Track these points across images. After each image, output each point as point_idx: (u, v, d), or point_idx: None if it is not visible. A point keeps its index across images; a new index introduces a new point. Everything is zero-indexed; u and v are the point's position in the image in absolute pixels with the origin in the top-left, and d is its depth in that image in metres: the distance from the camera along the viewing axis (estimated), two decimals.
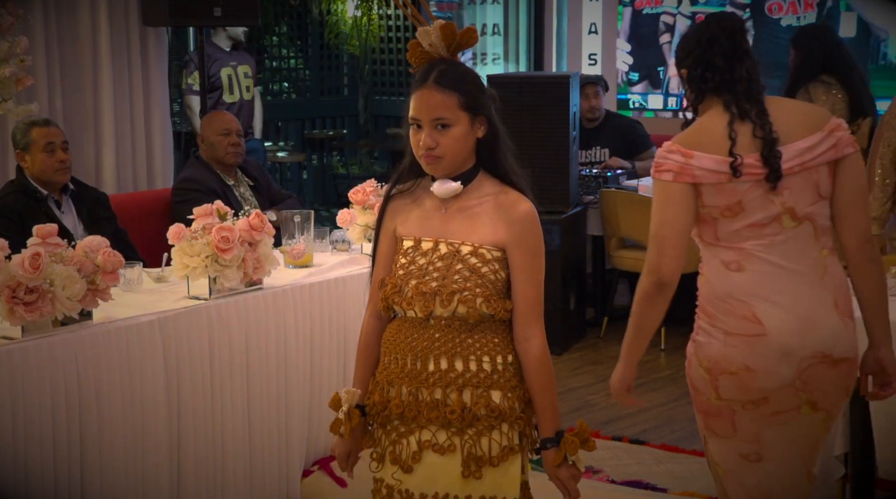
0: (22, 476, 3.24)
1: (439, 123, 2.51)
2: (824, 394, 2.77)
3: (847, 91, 5.45)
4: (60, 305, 3.32)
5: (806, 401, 2.76)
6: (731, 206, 2.74)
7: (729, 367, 2.76)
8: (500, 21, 8.84)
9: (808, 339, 2.72)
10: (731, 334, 2.76)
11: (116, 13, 5.91)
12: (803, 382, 2.73)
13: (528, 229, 2.55)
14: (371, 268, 2.72)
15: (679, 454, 4.66)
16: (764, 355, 2.72)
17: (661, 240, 2.75)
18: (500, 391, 2.54)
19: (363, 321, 2.74)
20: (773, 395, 2.74)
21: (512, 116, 6.17)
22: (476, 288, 2.52)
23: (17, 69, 4.60)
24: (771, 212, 2.74)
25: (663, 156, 2.79)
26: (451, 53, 2.58)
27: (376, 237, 2.70)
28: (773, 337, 2.71)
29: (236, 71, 7.48)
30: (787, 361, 2.72)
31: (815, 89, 5.45)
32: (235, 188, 5.47)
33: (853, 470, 3.81)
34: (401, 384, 2.57)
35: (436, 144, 2.51)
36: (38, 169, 4.59)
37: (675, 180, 2.75)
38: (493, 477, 2.54)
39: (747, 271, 2.76)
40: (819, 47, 5.55)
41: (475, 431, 2.53)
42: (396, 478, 2.59)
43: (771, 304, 2.73)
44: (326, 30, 10.31)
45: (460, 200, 2.58)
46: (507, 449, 2.54)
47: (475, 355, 2.54)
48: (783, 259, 2.75)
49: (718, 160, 2.74)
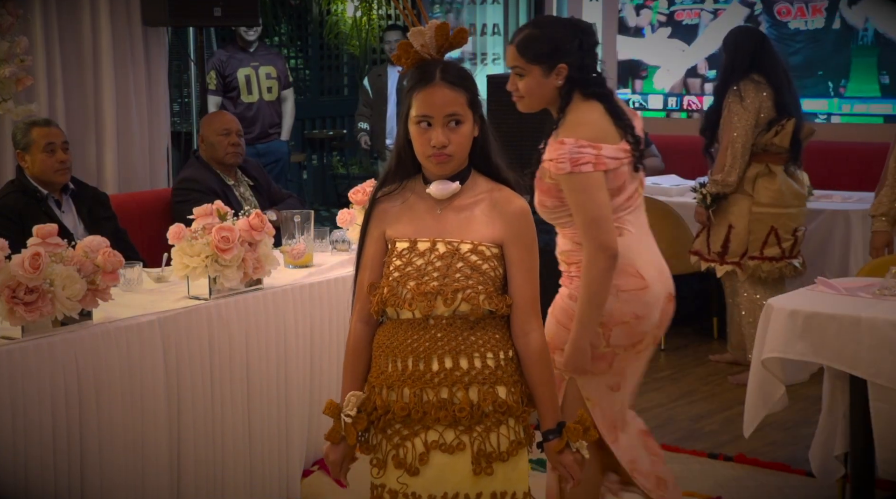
0: (22, 476, 3.24)
1: (453, 120, 2.51)
2: (663, 328, 3.37)
3: (773, 90, 5.55)
4: (60, 305, 3.32)
5: (655, 336, 3.35)
6: (619, 186, 3.23)
7: (622, 318, 3.23)
8: (500, 21, 8.85)
9: (667, 284, 3.33)
10: (623, 291, 3.22)
11: (117, 13, 5.91)
12: (661, 320, 3.32)
13: (523, 225, 2.58)
14: (355, 273, 2.70)
15: (679, 454, 4.66)
16: (648, 303, 3.25)
17: (603, 220, 3.14)
18: (505, 387, 2.55)
19: (350, 328, 2.70)
20: (647, 336, 3.30)
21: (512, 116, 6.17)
22: (478, 285, 2.53)
23: (17, 69, 4.60)
24: (634, 186, 3.30)
25: (577, 152, 3.16)
26: (441, 54, 2.58)
27: (361, 241, 2.68)
28: (652, 287, 3.26)
29: (257, 72, 7.49)
30: (658, 306, 3.28)
31: (746, 87, 5.54)
32: (235, 188, 5.47)
33: (853, 470, 3.81)
34: (402, 387, 2.56)
35: (448, 142, 2.51)
36: (38, 169, 4.59)
37: (595, 170, 3.16)
38: (504, 472, 2.55)
39: (625, 235, 3.24)
40: (749, 47, 5.64)
41: (483, 427, 2.53)
42: (402, 482, 2.56)
43: (644, 260, 3.27)
44: (326, 30, 10.32)
45: (455, 200, 2.59)
46: (515, 443, 2.56)
47: (479, 352, 2.54)
48: (642, 222, 3.34)
49: (617, 149, 3.21)
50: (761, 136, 5.52)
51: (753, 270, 5.60)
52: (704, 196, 5.66)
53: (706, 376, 5.78)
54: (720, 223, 5.68)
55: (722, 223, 5.68)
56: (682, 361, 6.05)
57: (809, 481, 4.25)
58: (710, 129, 5.71)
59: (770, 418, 4.09)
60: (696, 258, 5.81)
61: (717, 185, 5.59)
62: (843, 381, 3.78)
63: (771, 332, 3.74)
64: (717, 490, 4.28)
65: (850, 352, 3.59)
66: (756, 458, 4.58)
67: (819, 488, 4.15)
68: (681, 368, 5.95)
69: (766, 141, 5.53)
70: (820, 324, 3.64)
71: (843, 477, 3.91)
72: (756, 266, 5.59)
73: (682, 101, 8.03)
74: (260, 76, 7.50)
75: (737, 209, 5.62)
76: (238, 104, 7.37)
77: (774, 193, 5.54)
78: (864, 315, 3.58)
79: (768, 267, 5.59)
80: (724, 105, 5.57)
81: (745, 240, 5.63)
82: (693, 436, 4.93)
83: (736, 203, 5.62)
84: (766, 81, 5.56)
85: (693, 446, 4.76)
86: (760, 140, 5.53)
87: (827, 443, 3.88)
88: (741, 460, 4.57)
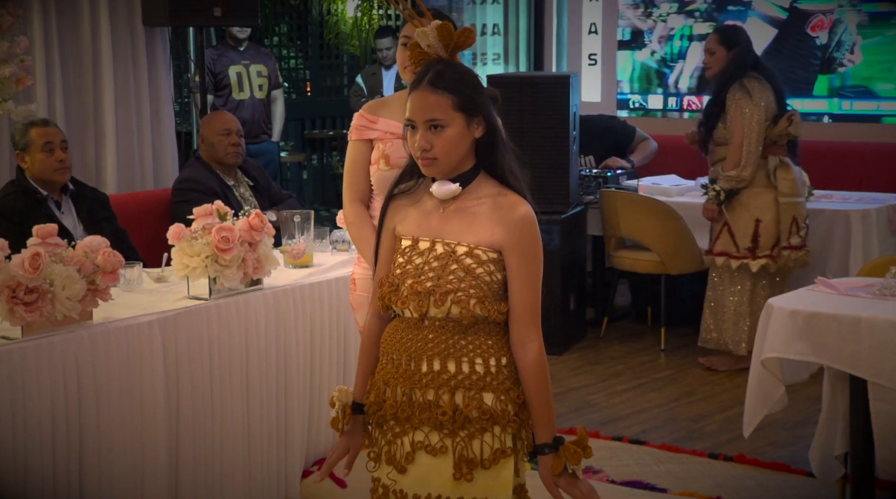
0: (21, 476, 3.24)
1: (432, 125, 2.51)
2: None
3: (773, 87, 5.66)
4: (60, 305, 3.32)
5: None
6: None
7: None
8: (500, 21, 8.84)
9: None
10: None
11: (116, 13, 5.91)
12: None
13: (525, 233, 2.54)
14: (373, 267, 2.73)
15: (679, 454, 4.66)
16: None
17: None
18: (493, 394, 2.53)
19: (366, 320, 2.75)
20: None
21: (512, 116, 6.14)
22: (470, 289, 2.51)
23: (17, 69, 4.61)
24: None
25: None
26: (451, 54, 2.58)
27: (378, 237, 2.71)
28: None
29: (248, 69, 7.49)
30: None
31: (751, 84, 5.61)
32: (235, 188, 5.47)
33: (853, 470, 3.81)
34: (396, 385, 2.58)
35: (430, 146, 2.52)
36: (37, 169, 4.59)
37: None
38: (485, 480, 2.53)
39: None
40: (747, 45, 5.74)
41: (467, 433, 2.53)
42: (391, 478, 2.59)
43: None
44: (326, 30, 10.31)
45: (459, 201, 2.58)
46: (498, 452, 2.53)
47: (468, 357, 2.54)
48: None
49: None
50: (770, 129, 5.59)
51: (785, 260, 5.64)
52: (718, 193, 5.65)
53: (706, 376, 5.78)
54: (743, 219, 5.67)
55: (745, 218, 5.67)
56: (682, 362, 6.05)
57: (809, 481, 4.25)
58: (708, 123, 5.74)
59: (770, 418, 4.10)
60: (724, 258, 5.74)
61: (731, 180, 5.61)
62: (843, 381, 3.78)
63: (771, 332, 3.74)
64: (717, 490, 4.28)
65: (850, 352, 3.59)
66: (756, 458, 4.58)
67: (819, 488, 4.14)
68: (681, 368, 5.95)
69: (776, 133, 5.59)
70: (820, 324, 3.64)
71: (843, 477, 3.91)
72: (787, 256, 5.64)
73: (682, 101, 8.03)
74: (251, 74, 7.50)
75: (761, 203, 5.64)
76: (229, 101, 7.36)
77: (791, 182, 5.62)
78: (864, 315, 3.58)
79: (795, 256, 5.66)
80: (730, 101, 5.60)
81: (775, 231, 5.65)
82: (693, 436, 4.93)
83: (758, 196, 5.64)
84: (765, 77, 5.65)
85: (693, 446, 4.76)
86: (771, 133, 5.59)
87: (827, 443, 3.88)
88: (741, 460, 4.57)
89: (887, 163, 6.87)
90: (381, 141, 3.45)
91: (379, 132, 3.46)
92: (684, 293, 6.69)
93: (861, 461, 3.77)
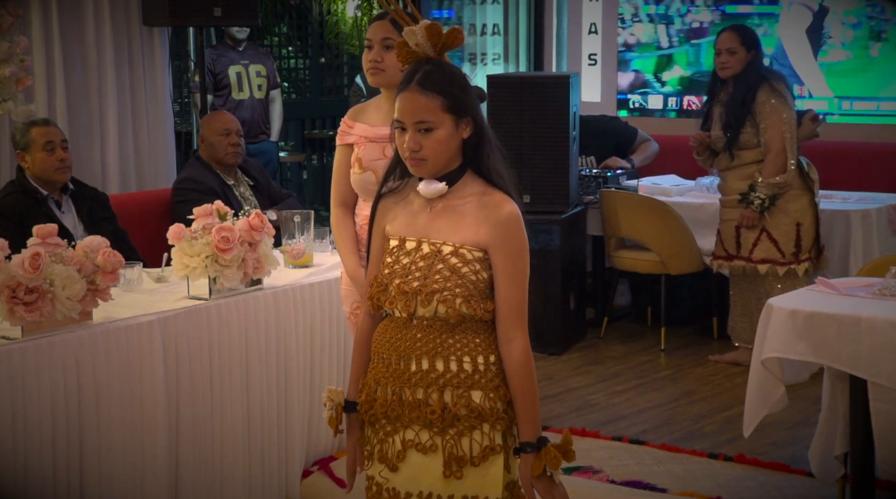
0: (21, 476, 3.24)
1: (422, 127, 2.52)
2: None
3: (787, 88, 5.63)
4: (60, 305, 3.32)
5: None
6: None
7: None
8: (500, 21, 8.83)
9: None
10: None
11: (117, 13, 5.91)
12: None
13: (510, 231, 2.55)
14: (366, 267, 2.75)
15: (679, 454, 4.66)
16: None
17: None
18: (482, 391, 2.54)
19: (359, 320, 2.77)
20: None
21: (512, 116, 6.18)
22: (456, 288, 2.52)
23: (17, 69, 4.61)
24: None
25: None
26: (439, 53, 2.58)
27: (369, 236, 2.72)
28: None
29: (247, 69, 7.49)
30: None
31: (779, 85, 5.56)
32: (235, 188, 5.47)
33: (853, 470, 3.81)
34: (386, 384, 2.60)
35: (419, 147, 2.52)
36: (38, 168, 4.60)
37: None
38: (475, 477, 2.55)
39: None
40: (761, 46, 5.69)
41: (456, 431, 2.54)
42: (384, 476, 2.62)
43: None
44: (326, 30, 10.31)
45: (445, 200, 2.59)
46: (487, 449, 2.55)
47: (455, 356, 2.55)
48: None
49: None
50: (798, 131, 5.54)
51: (823, 262, 5.65)
52: (763, 200, 5.51)
53: (706, 376, 5.78)
54: (784, 224, 5.57)
55: (787, 224, 5.57)
56: (682, 361, 6.04)
57: (809, 481, 4.25)
58: (735, 125, 5.55)
59: (770, 418, 4.09)
60: (767, 266, 5.59)
61: (775, 187, 5.50)
62: (843, 381, 3.78)
63: (771, 332, 3.74)
64: (717, 490, 4.28)
65: (850, 352, 3.59)
66: (756, 458, 4.58)
67: (819, 488, 4.14)
68: (681, 368, 5.95)
69: (803, 135, 5.56)
70: (820, 324, 3.64)
71: (843, 477, 3.91)
72: (824, 257, 5.65)
73: (683, 102, 8.03)
74: (251, 74, 7.50)
75: (799, 206, 5.57)
76: (229, 101, 7.37)
77: (817, 184, 5.61)
78: (864, 315, 3.58)
79: (826, 256, 5.69)
80: (763, 105, 5.49)
81: (814, 233, 5.62)
82: (693, 436, 4.93)
83: (796, 200, 5.57)
84: (779, 79, 5.62)
85: (693, 446, 4.76)
86: (801, 134, 5.56)
87: (827, 443, 3.88)
88: (741, 460, 4.57)
89: (887, 163, 6.88)
90: (357, 145, 3.54)
91: (355, 137, 3.54)
92: (684, 293, 6.69)
93: (861, 461, 3.77)
